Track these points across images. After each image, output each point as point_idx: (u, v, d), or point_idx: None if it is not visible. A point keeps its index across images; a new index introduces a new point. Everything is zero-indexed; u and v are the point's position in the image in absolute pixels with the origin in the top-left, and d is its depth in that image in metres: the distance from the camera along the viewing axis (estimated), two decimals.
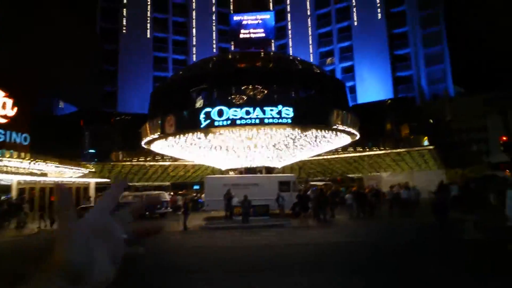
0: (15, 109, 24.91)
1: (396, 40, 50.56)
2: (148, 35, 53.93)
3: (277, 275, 8.76)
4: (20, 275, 9.69)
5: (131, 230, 0.70)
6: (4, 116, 24.36)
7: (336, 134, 24.92)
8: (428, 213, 15.86)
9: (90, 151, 37.33)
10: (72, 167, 30.07)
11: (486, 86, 51.03)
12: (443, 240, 12.88)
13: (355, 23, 52.56)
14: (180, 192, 34.55)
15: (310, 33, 56.74)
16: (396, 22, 50.32)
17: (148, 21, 54.10)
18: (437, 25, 48.67)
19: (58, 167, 27.75)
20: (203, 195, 29.91)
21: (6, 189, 24.65)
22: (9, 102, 24.67)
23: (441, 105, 40.36)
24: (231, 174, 28.44)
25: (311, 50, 56.19)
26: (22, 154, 23.96)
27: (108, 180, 35.27)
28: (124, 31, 52.12)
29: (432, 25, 48.78)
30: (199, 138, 23.21)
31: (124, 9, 52.43)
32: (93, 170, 33.44)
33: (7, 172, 23.56)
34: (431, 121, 37.96)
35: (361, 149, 34.87)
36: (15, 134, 24.65)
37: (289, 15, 58.83)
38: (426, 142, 34.08)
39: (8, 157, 22.87)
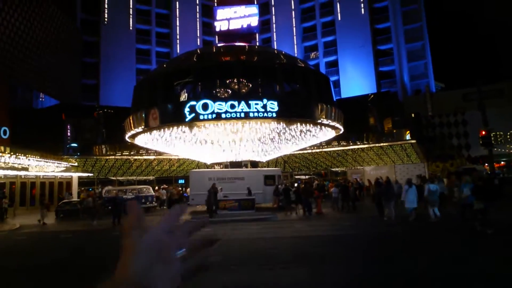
0: None
1: (379, 35, 51.03)
2: (131, 27, 53.02)
3: (263, 268, 8.85)
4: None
5: (187, 244, 0.72)
6: None
7: (321, 128, 25.13)
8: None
9: (72, 145, 36.66)
10: (54, 161, 29.50)
11: (465, 81, 52.10)
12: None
13: (339, 18, 52.81)
14: (162, 187, 34.28)
15: (294, 27, 56.79)
16: (379, 17, 50.83)
17: (131, 12, 53.16)
18: (419, 21, 49.44)
19: (39, 161, 27.19)
20: (188, 189, 29.82)
21: None
22: None
23: (423, 100, 41.07)
24: (216, 168, 28.42)
25: (295, 44, 56.27)
26: (2, 148, 23.40)
27: (91, 174, 34.74)
28: (105, 22, 51.08)
29: (413, 21, 49.54)
30: (184, 132, 23.08)
31: (106, 0, 51.33)
32: (76, 164, 32.88)
33: None
34: (413, 115, 38.60)
35: (345, 143, 35.24)
36: None
37: (273, 8, 58.64)
38: (408, 136, 34.68)
39: None
